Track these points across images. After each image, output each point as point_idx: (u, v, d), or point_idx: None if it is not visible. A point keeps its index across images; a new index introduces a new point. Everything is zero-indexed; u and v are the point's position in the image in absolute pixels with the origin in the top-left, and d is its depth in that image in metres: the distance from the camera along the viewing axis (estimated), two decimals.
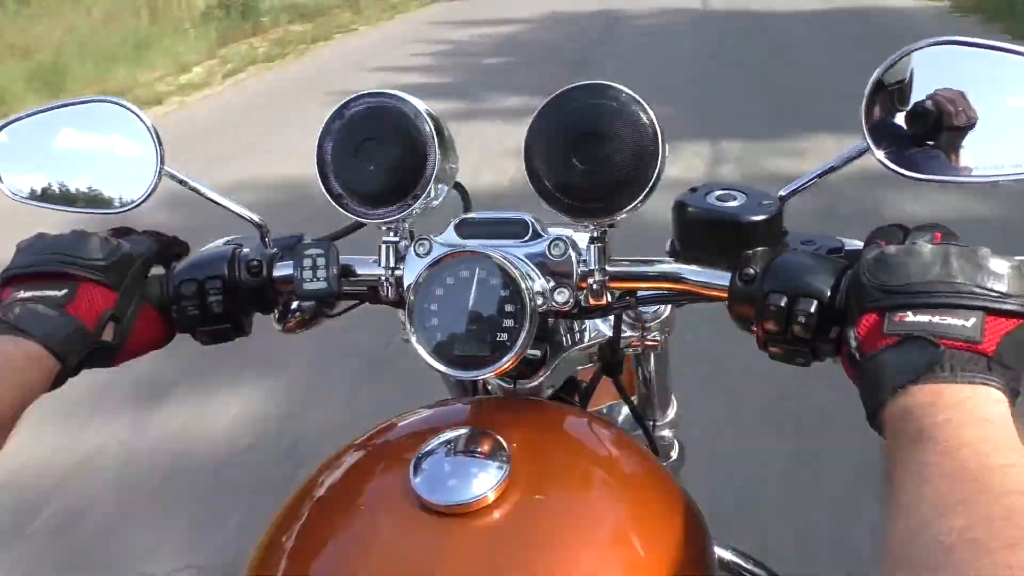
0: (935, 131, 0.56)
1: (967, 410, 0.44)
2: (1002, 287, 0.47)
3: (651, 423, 0.98)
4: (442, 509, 0.54)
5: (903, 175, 0.57)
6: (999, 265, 0.48)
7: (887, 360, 0.48)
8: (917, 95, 0.56)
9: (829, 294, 0.55)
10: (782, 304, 0.56)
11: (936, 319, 0.47)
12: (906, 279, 0.49)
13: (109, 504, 2.08)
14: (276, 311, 0.76)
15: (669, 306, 0.82)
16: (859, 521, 1.70)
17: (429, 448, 0.58)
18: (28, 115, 0.70)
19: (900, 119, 0.57)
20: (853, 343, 0.51)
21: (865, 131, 0.57)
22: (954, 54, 0.56)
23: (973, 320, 0.47)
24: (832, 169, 0.61)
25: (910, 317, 0.48)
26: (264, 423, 2.36)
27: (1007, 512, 0.38)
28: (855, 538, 1.69)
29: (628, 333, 0.81)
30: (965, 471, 0.41)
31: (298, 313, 0.77)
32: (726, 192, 0.63)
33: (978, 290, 0.47)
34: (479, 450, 0.57)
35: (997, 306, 0.47)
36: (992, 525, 0.38)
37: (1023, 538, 0.37)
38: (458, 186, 0.74)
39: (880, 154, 0.57)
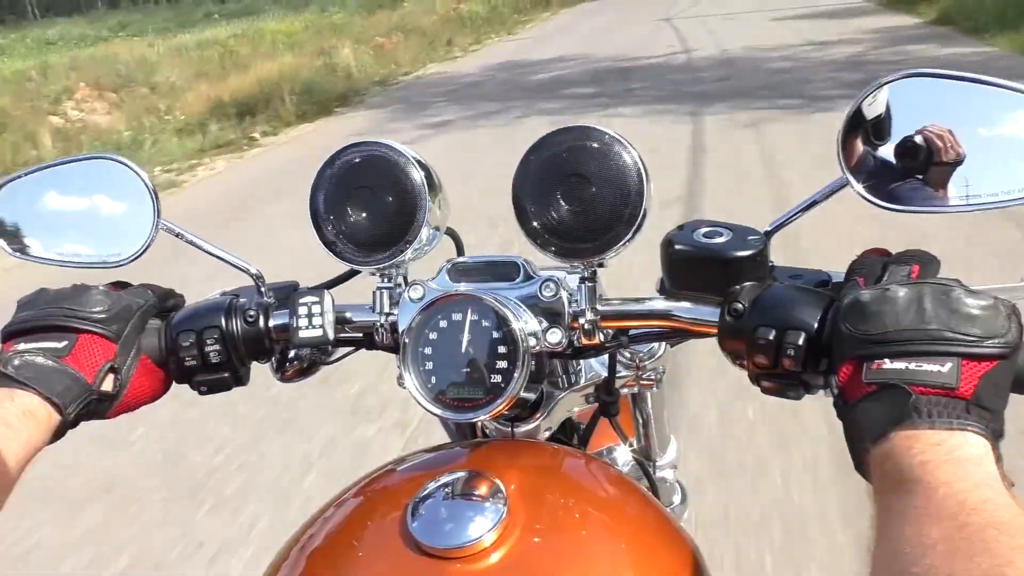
0: (924, 166, 0.57)
1: (944, 452, 0.45)
2: (977, 330, 0.48)
3: (651, 463, 0.98)
4: (440, 553, 0.53)
5: (884, 207, 0.58)
6: (972, 306, 0.48)
7: (867, 409, 0.48)
8: (897, 128, 0.58)
9: (817, 327, 0.56)
10: (771, 338, 0.57)
11: (912, 366, 0.48)
12: (882, 327, 0.49)
13: None
14: (273, 360, 0.76)
15: (664, 344, 0.83)
16: None
17: (426, 492, 0.58)
18: (27, 173, 0.72)
19: (885, 153, 0.58)
20: (835, 390, 0.52)
21: (842, 165, 0.59)
22: (927, 86, 0.57)
23: (949, 365, 0.47)
24: (814, 203, 0.62)
25: (887, 364, 0.48)
26: None
27: (984, 546, 0.39)
28: None
29: (624, 372, 0.82)
30: (944, 510, 0.42)
31: (295, 361, 0.78)
32: (712, 229, 0.64)
33: (952, 335, 0.48)
34: (476, 493, 0.57)
35: (971, 351, 0.47)
36: (971, 560, 0.39)
37: (1000, 570, 0.38)
38: (450, 231, 0.75)
39: (860, 188, 0.58)
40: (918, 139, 0.57)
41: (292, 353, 0.77)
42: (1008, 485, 0.44)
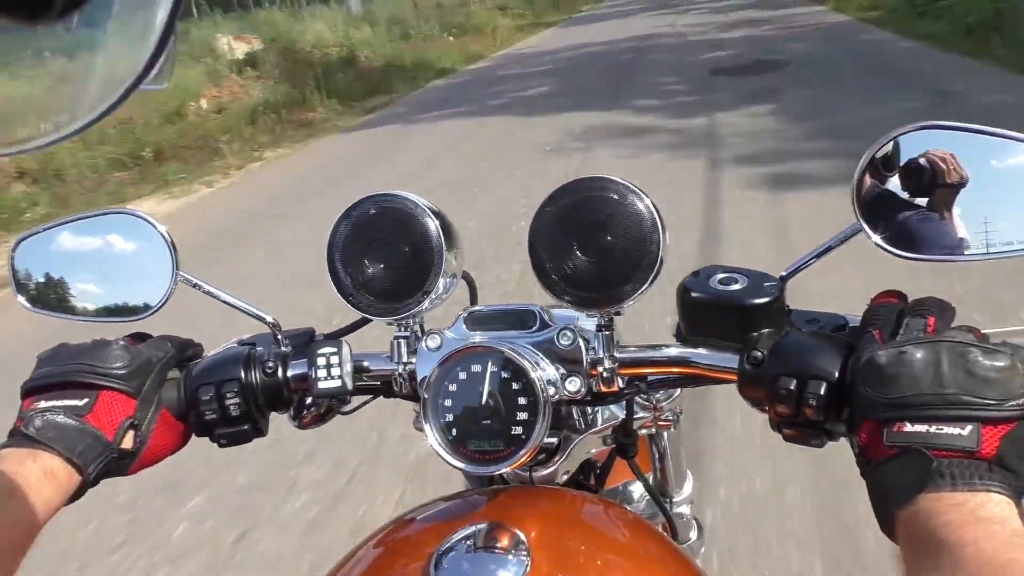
0: (928, 188, 0.57)
1: (968, 512, 0.45)
2: (995, 392, 0.48)
3: (668, 500, 0.97)
4: None
5: (899, 256, 0.58)
6: (989, 369, 0.48)
7: (890, 473, 0.49)
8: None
9: (837, 374, 0.56)
10: (792, 387, 0.57)
11: (933, 429, 0.48)
12: (900, 391, 0.50)
13: None
14: (291, 408, 0.76)
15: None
16: None
17: (448, 545, 0.58)
18: (44, 229, 0.72)
19: (891, 183, 0.58)
20: (856, 449, 0.53)
21: (857, 212, 0.59)
22: (940, 138, 0.57)
23: (969, 428, 0.47)
24: (829, 249, 0.62)
25: (908, 427, 0.49)
26: None
27: None
28: None
29: (641, 414, 0.82)
30: (971, 571, 0.42)
31: (312, 408, 0.78)
32: (728, 276, 0.64)
33: (971, 399, 0.48)
34: (499, 545, 0.57)
35: (990, 415, 0.48)
36: None
37: None
38: (465, 276, 0.76)
39: (876, 237, 0.58)
40: (921, 161, 0.57)
41: (309, 400, 0.77)
42: None
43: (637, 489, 1.02)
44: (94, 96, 0.30)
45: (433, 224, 0.67)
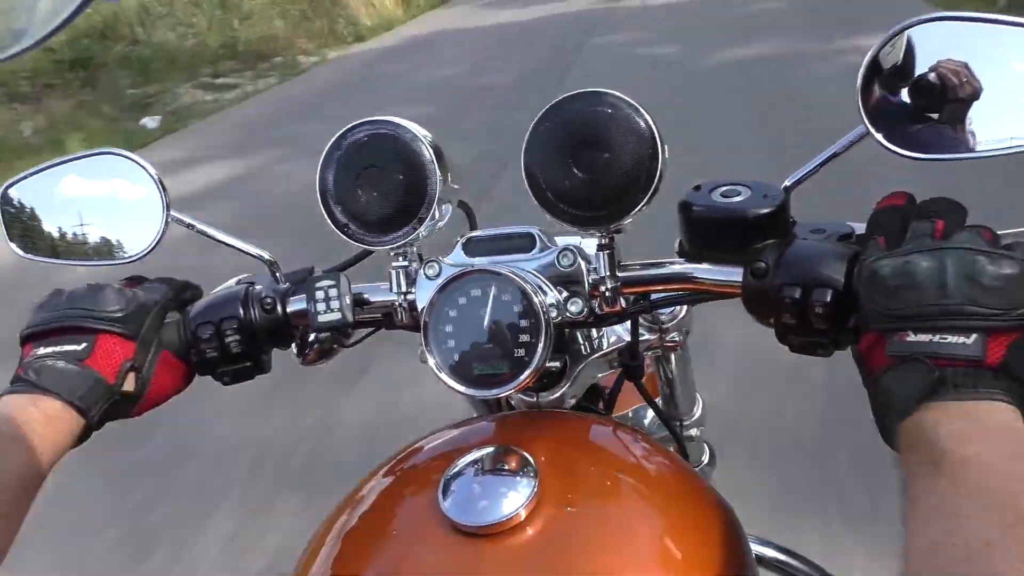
0: (939, 104, 0.55)
1: (972, 423, 0.44)
2: (1002, 301, 0.46)
3: (678, 423, 0.97)
4: (474, 530, 0.53)
5: (906, 156, 0.56)
6: (997, 277, 0.47)
7: (892, 383, 0.48)
8: (919, 70, 0.56)
9: (844, 281, 0.55)
10: (797, 296, 0.56)
11: (936, 339, 0.47)
12: (903, 303, 0.48)
13: None
14: (294, 345, 0.76)
15: (686, 306, 0.82)
16: None
17: (456, 470, 0.58)
18: (32, 173, 0.71)
19: (901, 96, 0.56)
20: (859, 359, 0.52)
21: (863, 114, 0.57)
22: (950, 29, 0.55)
23: (975, 337, 0.46)
24: (835, 155, 0.60)
25: (911, 337, 0.48)
26: None
27: (1018, 515, 0.39)
28: None
29: (646, 336, 0.81)
30: (975, 482, 0.42)
31: (316, 345, 0.78)
32: (730, 188, 0.63)
33: (976, 309, 0.46)
34: (506, 468, 0.57)
35: (996, 324, 0.46)
36: (1006, 530, 0.39)
37: None
38: (462, 204, 0.74)
39: (880, 137, 0.56)
40: (932, 77, 0.55)
41: (312, 337, 0.77)
42: None
43: (647, 414, 1.02)
44: (47, 10, 0.31)
45: (427, 151, 0.65)
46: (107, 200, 0.70)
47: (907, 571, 0.41)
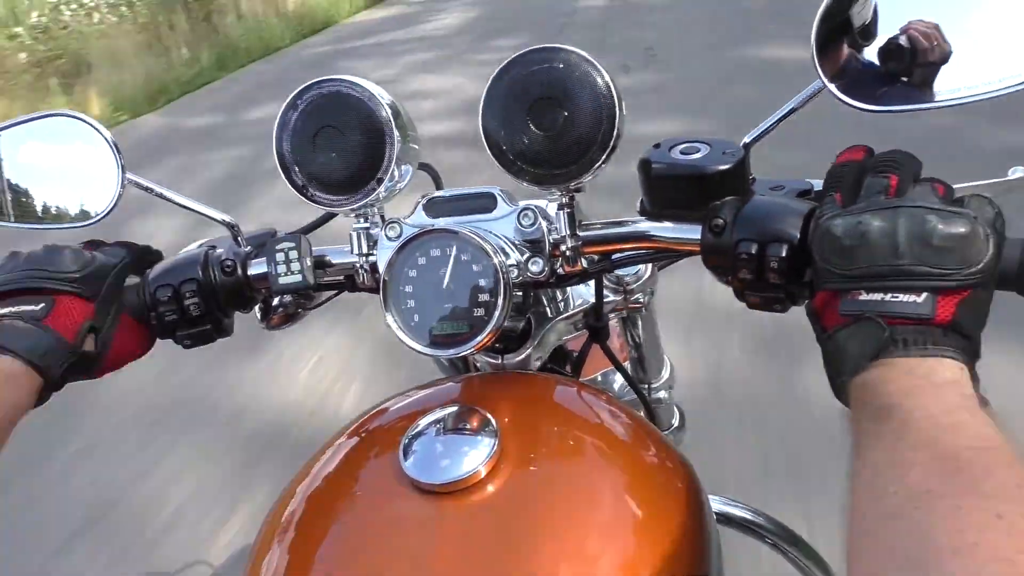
0: (909, 68, 0.55)
1: (919, 378, 0.45)
2: (952, 261, 0.47)
3: (645, 387, 0.98)
4: (435, 488, 0.54)
5: (864, 110, 0.56)
6: (948, 237, 0.47)
7: (843, 341, 0.48)
8: (882, 26, 0.55)
9: (799, 236, 0.55)
10: (753, 251, 0.56)
11: (888, 298, 0.47)
12: (854, 263, 0.49)
13: None
14: (257, 309, 0.76)
15: (650, 266, 0.82)
16: None
17: (418, 429, 0.58)
18: None
19: (866, 55, 0.56)
20: (812, 316, 0.52)
21: (818, 68, 0.56)
22: None
23: (925, 296, 0.47)
24: (792, 111, 0.60)
25: (863, 296, 0.48)
26: None
27: (958, 465, 0.40)
28: None
29: (611, 297, 0.81)
30: (919, 433, 0.43)
31: (280, 309, 0.77)
32: (689, 145, 0.63)
33: (927, 269, 0.47)
34: (468, 427, 0.57)
35: (947, 284, 0.47)
36: (945, 479, 0.40)
37: (973, 486, 0.39)
38: (425, 166, 0.74)
39: (836, 91, 0.56)
40: (903, 40, 0.54)
41: (276, 301, 0.77)
42: (983, 404, 0.44)
43: (617, 378, 1.02)
44: None
45: (384, 111, 0.65)
46: (62, 163, 0.69)
47: (851, 521, 0.42)
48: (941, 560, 0.37)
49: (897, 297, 0.47)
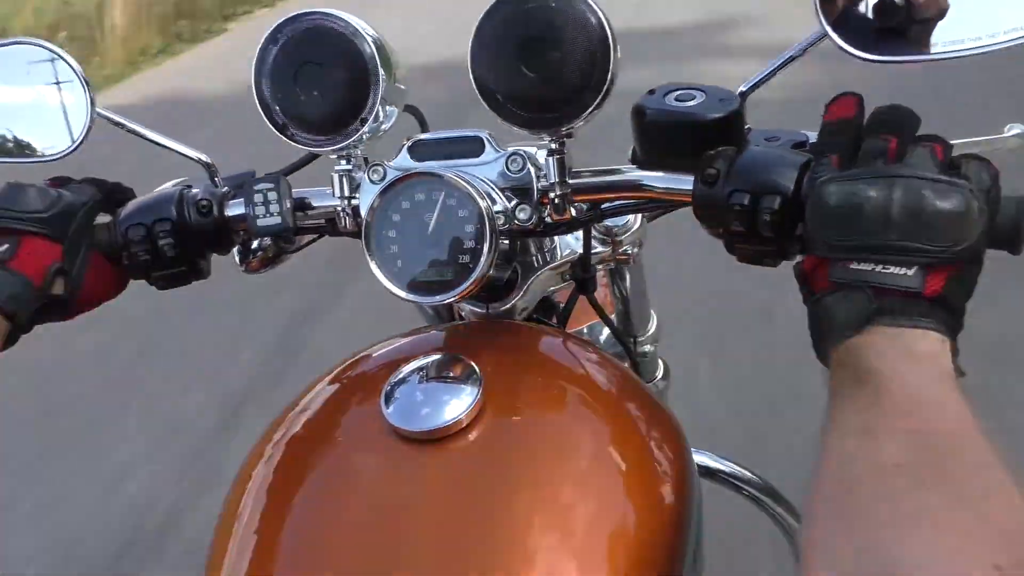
0: (906, 23, 0.54)
1: (902, 349, 0.45)
2: (946, 237, 0.46)
3: (631, 339, 0.97)
4: (416, 436, 0.53)
5: (864, 59, 0.54)
6: (942, 212, 0.47)
7: (831, 307, 0.49)
8: None
9: (793, 189, 0.53)
10: (746, 203, 0.54)
11: (878, 268, 0.47)
12: (847, 234, 0.48)
13: None
14: (236, 251, 0.74)
15: (639, 217, 0.81)
16: None
17: (400, 377, 0.57)
18: None
19: (863, 8, 0.54)
20: (800, 278, 0.52)
21: (819, 14, 0.55)
22: None
23: (915, 269, 0.47)
24: (791, 59, 0.58)
25: (854, 265, 0.48)
26: None
27: (928, 442, 0.41)
28: None
29: (599, 248, 0.80)
30: (893, 404, 0.43)
31: (259, 252, 0.75)
32: (684, 92, 0.61)
33: (919, 246, 0.47)
34: (451, 375, 0.57)
35: (938, 259, 0.47)
36: (913, 450, 0.40)
37: (939, 463, 0.40)
38: (410, 107, 0.71)
39: (838, 39, 0.54)
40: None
41: (255, 244, 0.75)
42: (959, 375, 0.45)
43: (603, 331, 1.02)
44: None
45: (369, 47, 0.62)
46: (27, 94, 0.65)
47: (815, 480, 0.43)
48: (898, 534, 0.37)
49: (888, 269, 0.47)
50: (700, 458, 0.85)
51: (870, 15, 0.54)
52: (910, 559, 0.36)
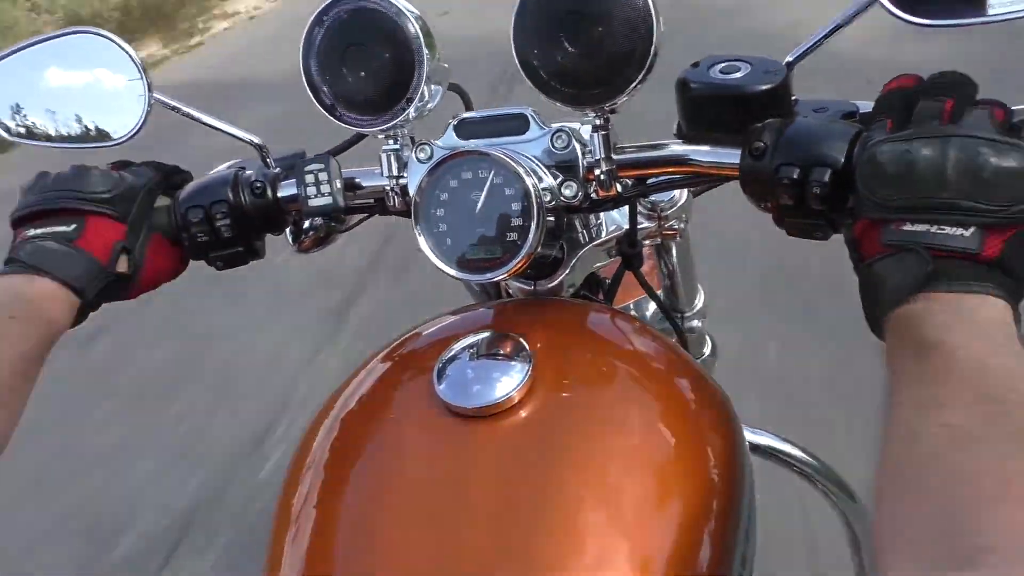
0: None
1: (963, 315, 0.43)
2: (1004, 196, 0.45)
3: (679, 315, 0.97)
4: (468, 412, 0.54)
5: (916, 23, 0.53)
6: (1000, 171, 0.45)
7: (884, 271, 0.47)
8: None
9: (843, 161, 0.52)
10: (795, 176, 0.54)
11: (934, 229, 0.46)
12: (900, 193, 0.46)
13: None
14: (289, 231, 0.75)
15: (686, 192, 0.80)
16: None
17: (452, 354, 0.58)
18: (7, 54, 0.68)
19: None
20: (851, 243, 0.50)
21: None
22: None
23: (972, 229, 0.45)
24: (839, 27, 0.57)
25: (907, 227, 0.46)
26: None
27: (1004, 409, 0.39)
28: None
29: (645, 224, 0.79)
30: (961, 373, 0.41)
31: (311, 232, 0.77)
32: (729, 64, 0.60)
33: (976, 205, 0.45)
34: (501, 352, 0.57)
35: (996, 220, 0.45)
36: (987, 421, 0.38)
37: (1019, 433, 0.38)
38: (455, 86, 0.72)
39: (888, 3, 0.53)
40: None
41: (307, 223, 0.76)
42: None
43: (649, 307, 1.01)
44: None
45: (413, 27, 0.62)
46: (88, 82, 0.67)
47: (884, 458, 0.41)
48: (980, 507, 0.36)
49: (944, 229, 0.45)
50: (752, 436, 0.84)
51: None
52: (997, 536, 0.34)
